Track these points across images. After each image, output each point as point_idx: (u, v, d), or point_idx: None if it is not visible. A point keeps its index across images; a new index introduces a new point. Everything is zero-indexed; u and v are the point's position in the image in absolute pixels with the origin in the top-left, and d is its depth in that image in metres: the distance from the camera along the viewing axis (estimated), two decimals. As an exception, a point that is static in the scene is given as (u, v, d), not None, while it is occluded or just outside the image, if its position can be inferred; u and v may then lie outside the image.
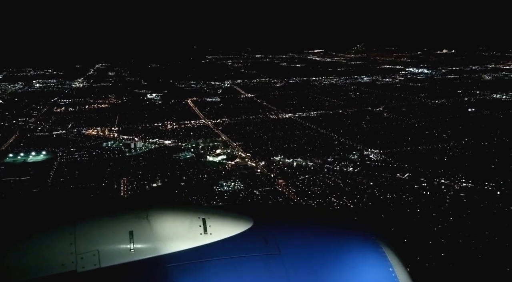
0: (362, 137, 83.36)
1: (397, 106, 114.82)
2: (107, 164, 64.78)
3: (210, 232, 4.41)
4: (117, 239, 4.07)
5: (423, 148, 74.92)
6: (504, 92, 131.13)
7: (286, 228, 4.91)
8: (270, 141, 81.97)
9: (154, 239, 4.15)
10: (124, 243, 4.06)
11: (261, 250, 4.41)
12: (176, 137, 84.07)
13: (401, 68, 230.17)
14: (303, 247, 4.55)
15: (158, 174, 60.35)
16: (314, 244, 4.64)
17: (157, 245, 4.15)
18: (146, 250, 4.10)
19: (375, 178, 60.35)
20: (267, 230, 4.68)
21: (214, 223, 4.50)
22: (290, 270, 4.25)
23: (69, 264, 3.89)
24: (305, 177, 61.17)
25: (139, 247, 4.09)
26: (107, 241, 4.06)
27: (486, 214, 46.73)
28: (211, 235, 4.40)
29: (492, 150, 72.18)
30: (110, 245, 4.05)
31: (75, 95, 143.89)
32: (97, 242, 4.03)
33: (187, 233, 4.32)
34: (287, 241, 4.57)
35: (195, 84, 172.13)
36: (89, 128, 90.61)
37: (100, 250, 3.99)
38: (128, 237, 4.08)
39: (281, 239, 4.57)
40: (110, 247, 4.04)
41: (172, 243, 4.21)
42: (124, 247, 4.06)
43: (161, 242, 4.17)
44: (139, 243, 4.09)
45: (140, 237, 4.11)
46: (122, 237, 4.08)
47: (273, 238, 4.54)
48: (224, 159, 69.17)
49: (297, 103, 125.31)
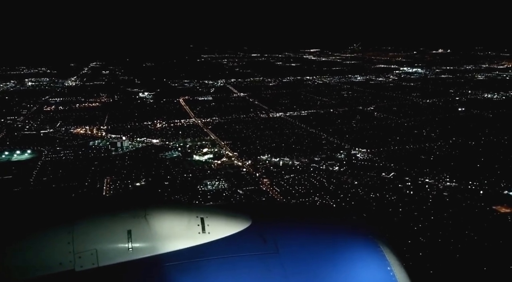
0: (350, 137, 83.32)
1: (388, 106, 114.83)
2: (92, 163, 64.45)
3: (208, 231, 4.40)
4: (115, 238, 4.07)
5: (411, 147, 74.93)
6: (495, 92, 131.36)
7: (284, 227, 4.89)
8: (259, 140, 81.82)
9: (152, 238, 4.15)
10: (122, 242, 4.06)
11: (259, 249, 4.39)
12: (164, 136, 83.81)
13: (395, 68, 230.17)
14: (301, 246, 4.53)
15: (142, 173, 60.07)
16: (312, 243, 4.61)
17: (155, 244, 4.15)
18: (144, 249, 4.10)
19: (360, 177, 60.31)
20: (265, 229, 4.66)
21: (212, 222, 4.48)
22: (288, 269, 4.23)
23: (67, 263, 3.88)
24: (290, 176, 61.05)
25: (137, 246, 4.08)
26: (105, 240, 4.05)
27: (466, 213, 46.74)
28: (209, 234, 4.39)
29: (479, 149, 72.25)
30: (108, 244, 4.04)
31: (66, 94, 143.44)
32: (95, 241, 4.02)
33: (185, 232, 4.31)
34: (285, 240, 4.55)
35: (189, 83, 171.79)
36: (78, 127, 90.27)
37: (98, 249, 3.99)
38: (126, 236, 4.07)
39: (279, 238, 4.55)
40: (108, 246, 4.03)
41: (170, 242, 4.21)
42: (122, 246, 4.05)
43: (159, 241, 4.17)
44: (137, 242, 4.09)
45: (138, 236, 4.11)
46: (120, 236, 4.07)
47: (272, 237, 4.52)
48: (210, 158, 68.99)
49: (289, 102, 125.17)
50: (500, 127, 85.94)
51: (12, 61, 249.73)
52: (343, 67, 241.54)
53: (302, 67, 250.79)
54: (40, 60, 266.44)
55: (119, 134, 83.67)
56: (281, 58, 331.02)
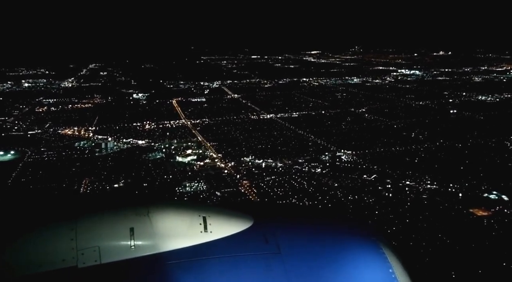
0: (338, 138, 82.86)
1: (379, 108, 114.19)
2: (73, 164, 64.25)
3: (211, 230, 4.42)
4: (118, 236, 4.09)
5: (397, 150, 74.37)
6: (490, 94, 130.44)
7: (286, 227, 4.89)
8: (245, 141, 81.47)
9: (154, 236, 4.17)
10: (125, 240, 4.08)
11: (261, 249, 4.40)
12: (151, 137, 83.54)
13: (393, 70, 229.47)
14: (303, 247, 4.54)
15: (122, 175, 59.81)
16: (314, 243, 4.62)
17: (158, 242, 4.16)
18: (146, 247, 4.12)
19: (341, 179, 59.82)
20: (267, 229, 4.66)
21: (214, 221, 4.51)
22: (289, 270, 4.23)
23: (70, 259, 3.91)
24: (271, 178, 60.64)
25: (140, 244, 4.10)
26: (108, 237, 4.07)
27: (442, 216, 46.22)
28: (211, 233, 4.41)
29: (465, 151, 71.60)
30: (110, 242, 4.06)
31: (61, 95, 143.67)
32: (98, 238, 4.04)
33: (187, 230, 4.33)
34: (287, 240, 4.55)
35: (184, 84, 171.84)
36: (66, 128, 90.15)
37: (101, 246, 4.01)
38: (128, 234, 4.09)
39: (281, 238, 4.55)
40: (111, 244, 4.05)
41: (173, 240, 4.22)
42: (125, 243, 4.08)
43: (162, 239, 4.18)
44: (139, 240, 4.11)
45: (140, 234, 4.13)
46: (123, 234, 4.10)
47: (273, 237, 4.53)
48: (193, 159, 68.66)
49: (282, 104, 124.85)
50: (490, 130, 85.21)
51: (12, 63, 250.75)
52: (341, 69, 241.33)
53: (300, 69, 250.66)
54: (40, 62, 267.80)
55: (106, 136, 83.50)
56: (281, 60, 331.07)
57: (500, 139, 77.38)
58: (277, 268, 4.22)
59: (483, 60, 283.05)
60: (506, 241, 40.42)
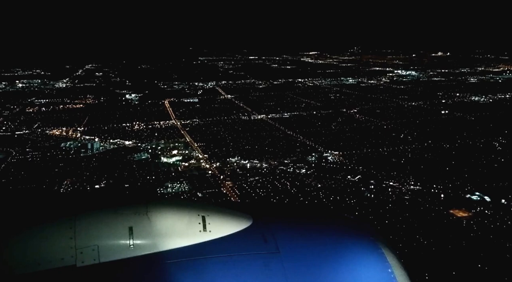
0: (326, 139, 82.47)
1: (371, 108, 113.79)
2: (57, 165, 63.85)
3: (209, 229, 4.41)
4: (116, 235, 4.07)
5: (384, 150, 73.95)
6: (483, 95, 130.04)
7: (285, 226, 4.88)
8: (233, 142, 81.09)
9: (153, 235, 4.16)
10: (124, 239, 4.07)
11: (260, 248, 4.39)
12: (139, 138, 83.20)
13: (390, 71, 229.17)
14: (302, 246, 4.52)
15: (104, 175, 59.41)
16: (313, 243, 4.60)
17: (156, 241, 4.16)
18: (145, 246, 4.11)
19: (325, 180, 59.40)
20: (266, 228, 4.65)
21: (213, 220, 4.49)
22: (288, 269, 4.22)
23: (68, 258, 3.91)
24: (254, 179, 60.23)
25: (138, 243, 4.09)
26: (107, 236, 4.06)
27: (421, 217, 45.80)
28: (210, 233, 4.40)
29: (453, 152, 71.18)
30: (109, 240, 4.05)
31: (54, 95, 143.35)
32: (97, 237, 4.03)
33: (186, 230, 4.31)
34: (286, 240, 4.54)
35: (178, 85, 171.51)
36: (55, 128, 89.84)
37: (99, 245, 4.00)
38: (127, 233, 4.08)
39: (280, 237, 4.54)
40: (110, 242, 4.04)
41: (171, 239, 4.21)
42: (124, 242, 4.06)
43: (160, 239, 4.18)
44: (138, 239, 4.10)
45: (139, 233, 4.12)
46: (121, 233, 4.08)
47: (272, 237, 4.52)
48: (178, 160, 68.27)
49: (274, 104, 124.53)
50: (479, 131, 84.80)
51: (8, 63, 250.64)
52: (337, 70, 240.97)
53: (297, 69, 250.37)
54: (37, 62, 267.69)
55: (94, 136, 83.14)
56: (278, 61, 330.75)
57: (489, 140, 77.03)
58: (276, 267, 4.21)
59: (481, 61, 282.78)
60: (482, 242, 40.05)
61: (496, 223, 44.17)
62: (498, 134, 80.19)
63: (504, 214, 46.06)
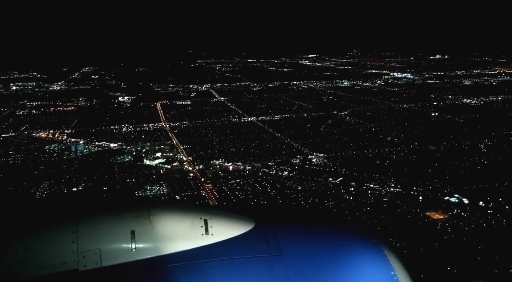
0: (314, 141, 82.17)
1: (362, 111, 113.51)
2: (38, 168, 63.59)
3: (212, 232, 4.39)
4: (119, 238, 4.06)
5: (370, 152, 73.58)
6: (475, 97, 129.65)
7: (287, 229, 4.84)
8: (220, 144, 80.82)
9: (155, 239, 4.14)
10: (126, 243, 4.05)
11: (262, 251, 4.36)
12: (125, 140, 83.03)
13: (386, 73, 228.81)
14: (305, 249, 4.49)
15: (84, 178, 59.15)
16: (315, 246, 4.57)
17: (159, 245, 4.14)
18: (147, 249, 4.09)
19: (306, 182, 59.08)
20: (268, 231, 4.62)
21: (215, 223, 4.46)
22: (291, 272, 4.19)
23: (70, 262, 3.89)
24: (235, 181, 59.98)
25: (141, 246, 4.07)
26: (109, 240, 4.04)
27: (396, 219, 45.43)
28: (212, 236, 4.37)
29: (437, 154, 70.81)
30: (112, 244, 4.03)
31: (46, 98, 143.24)
32: (99, 241, 4.01)
33: (188, 233, 4.30)
34: (288, 242, 4.51)
35: (173, 87, 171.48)
36: (41, 131, 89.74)
37: (102, 249, 3.98)
38: (129, 237, 4.06)
39: (282, 240, 4.51)
40: (112, 246, 4.02)
41: (174, 243, 4.20)
42: (126, 246, 4.05)
43: (163, 242, 4.16)
44: (140, 242, 4.08)
45: (141, 236, 4.10)
46: (124, 236, 4.06)
47: (275, 240, 4.49)
48: (161, 162, 68.05)
49: (266, 107, 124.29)
50: (466, 133, 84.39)
51: (6, 66, 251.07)
52: (333, 73, 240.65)
53: (294, 72, 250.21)
54: (34, 65, 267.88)
55: (80, 139, 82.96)
56: (276, 64, 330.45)
57: (475, 142, 76.67)
58: (279, 270, 4.18)
59: (478, 64, 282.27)
60: (454, 244, 39.67)
61: (471, 225, 43.75)
62: (484, 137, 79.82)
63: (479, 216, 45.67)
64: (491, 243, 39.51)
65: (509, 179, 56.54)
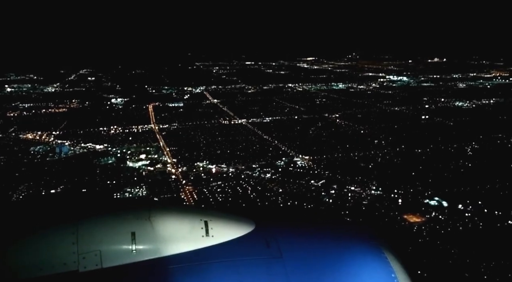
0: (301, 144, 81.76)
1: (353, 113, 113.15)
2: (18, 169, 63.24)
3: (212, 234, 4.39)
4: (119, 240, 4.06)
5: (355, 155, 73.17)
6: (468, 100, 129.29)
7: (288, 231, 4.84)
8: (207, 146, 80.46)
9: (155, 241, 4.14)
10: (126, 244, 4.05)
11: (263, 253, 4.36)
12: (112, 142, 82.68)
13: (382, 76, 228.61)
14: (305, 251, 4.48)
15: (64, 180, 58.81)
16: (316, 248, 4.57)
17: (159, 246, 4.14)
18: (147, 251, 4.09)
19: (288, 185, 58.69)
20: (268, 233, 4.62)
21: (216, 225, 4.47)
22: (291, 274, 4.19)
23: (71, 263, 3.89)
24: (216, 184, 59.59)
25: (141, 248, 4.08)
26: (109, 242, 4.04)
27: (372, 222, 44.95)
28: (212, 238, 4.38)
29: (423, 157, 70.42)
30: (112, 246, 4.03)
31: (40, 99, 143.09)
32: (99, 242, 4.01)
33: (189, 235, 4.29)
34: (288, 244, 4.50)
35: (167, 89, 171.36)
36: (29, 132, 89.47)
37: (102, 250, 3.99)
38: (130, 238, 4.06)
39: (282, 242, 4.50)
40: (112, 248, 4.02)
41: (174, 245, 4.19)
42: (126, 248, 4.05)
43: (163, 244, 4.16)
44: (141, 244, 4.08)
45: (142, 238, 4.10)
46: (124, 238, 4.07)
47: (275, 242, 4.49)
48: (144, 164, 67.75)
49: (258, 109, 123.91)
50: (454, 136, 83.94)
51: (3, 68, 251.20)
52: (330, 75, 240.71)
53: (290, 75, 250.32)
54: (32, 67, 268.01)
55: (66, 140, 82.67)
56: (274, 66, 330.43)
57: (461, 145, 76.22)
58: (279, 272, 4.18)
59: (475, 67, 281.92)
60: (429, 247, 39.26)
61: (447, 228, 43.34)
62: (471, 140, 79.41)
63: (457, 219, 45.26)
64: (464, 246, 39.09)
65: (490, 182, 56.15)
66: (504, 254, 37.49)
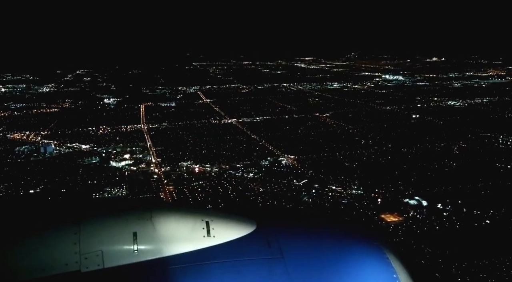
0: (288, 143, 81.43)
1: (344, 113, 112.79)
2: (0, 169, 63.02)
3: (213, 234, 4.38)
4: (121, 240, 4.06)
5: (341, 154, 72.85)
6: (461, 99, 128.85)
7: (289, 231, 4.83)
8: (193, 146, 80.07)
9: (157, 241, 4.14)
10: (128, 244, 4.05)
11: (264, 253, 4.35)
12: (98, 141, 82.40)
13: (378, 76, 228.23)
14: (306, 252, 4.47)
15: (44, 180, 58.55)
16: (317, 248, 4.55)
17: (160, 246, 4.14)
18: (149, 251, 4.09)
19: (270, 184, 58.38)
20: (270, 233, 4.60)
21: (217, 225, 4.46)
22: (292, 274, 4.18)
23: (73, 264, 3.89)
24: (198, 183, 59.29)
25: (143, 248, 4.07)
26: (111, 242, 4.04)
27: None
28: (214, 238, 4.37)
29: (408, 156, 70.05)
30: (114, 246, 4.03)
31: (33, 100, 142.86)
32: (101, 243, 4.01)
33: (190, 235, 4.29)
34: (290, 245, 4.49)
35: (161, 89, 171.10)
36: (17, 132, 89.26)
37: (104, 250, 3.99)
38: (131, 238, 4.07)
39: (284, 242, 4.49)
40: (114, 248, 4.02)
41: (175, 244, 4.19)
42: (128, 248, 4.05)
43: (164, 244, 4.15)
44: (142, 244, 4.07)
45: (143, 238, 4.10)
46: (126, 238, 4.06)
47: (276, 242, 4.48)
48: (128, 164, 67.47)
49: (249, 109, 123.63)
50: (442, 135, 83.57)
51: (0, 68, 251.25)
52: (326, 75, 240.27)
53: (286, 74, 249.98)
54: (28, 67, 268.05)
55: (53, 140, 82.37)
56: (271, 66, 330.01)
57: (449, 144, 75.87)
58: (280, 272, 4.16)
59: (473, 66, 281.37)
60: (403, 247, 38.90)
61: (423, 228, 43.00)
62: (459, 139, 79.05)
63: (435, 219, 44.92)
64: (438, 246, 38.76)
65: (474, 181, 55.82)
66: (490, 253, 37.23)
